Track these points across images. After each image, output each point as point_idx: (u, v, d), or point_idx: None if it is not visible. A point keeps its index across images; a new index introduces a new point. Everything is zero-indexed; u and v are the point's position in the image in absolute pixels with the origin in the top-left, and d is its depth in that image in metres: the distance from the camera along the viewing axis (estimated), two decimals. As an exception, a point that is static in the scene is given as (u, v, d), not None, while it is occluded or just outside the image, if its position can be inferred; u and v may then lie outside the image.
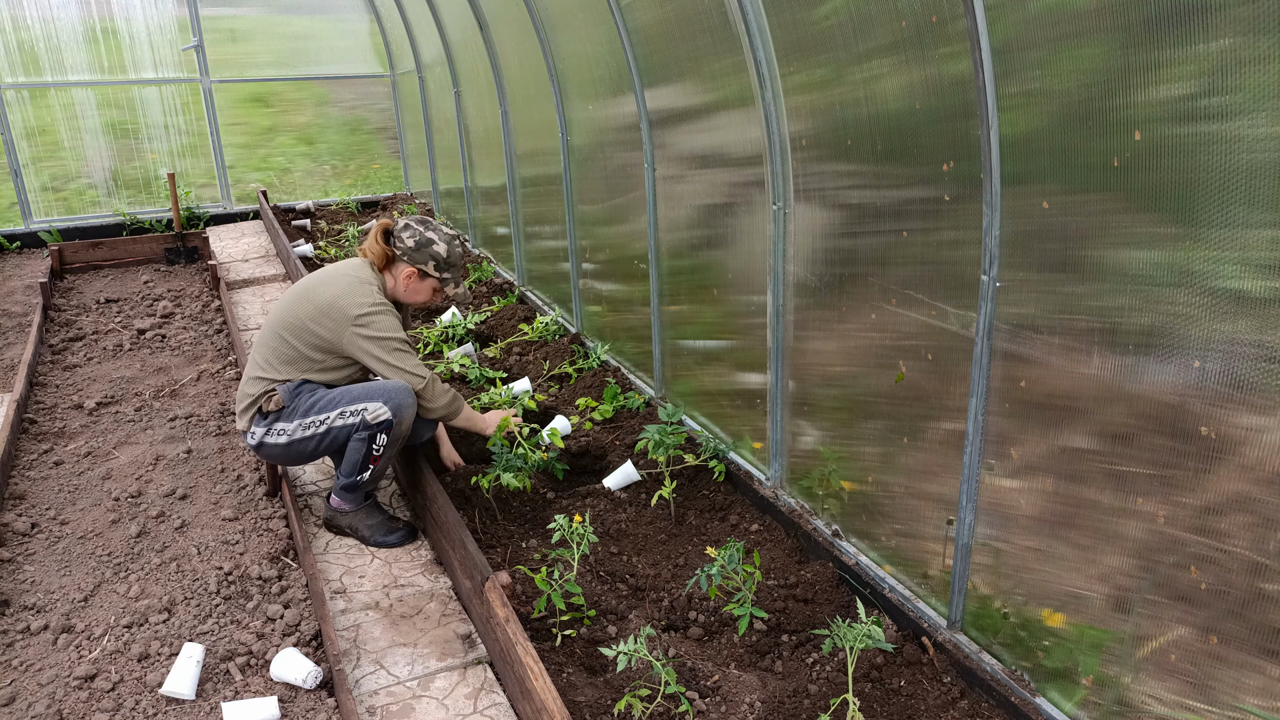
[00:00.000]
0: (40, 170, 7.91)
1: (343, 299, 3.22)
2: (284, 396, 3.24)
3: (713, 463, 3.55)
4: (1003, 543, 2.40)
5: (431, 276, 3.38)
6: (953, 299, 2.42)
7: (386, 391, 3.17)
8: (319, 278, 3.37)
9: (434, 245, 3.34)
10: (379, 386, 3.20)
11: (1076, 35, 1.93)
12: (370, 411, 3.14)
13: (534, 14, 4.76)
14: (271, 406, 3.24)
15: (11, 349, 5.43)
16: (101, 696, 2.55)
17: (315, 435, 3.20)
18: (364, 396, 3.17)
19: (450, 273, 3.40)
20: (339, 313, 3.20)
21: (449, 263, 3.38)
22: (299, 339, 3.26)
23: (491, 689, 2.65)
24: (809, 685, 2.46)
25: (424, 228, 3.37)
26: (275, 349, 3.30)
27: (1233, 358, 1.75)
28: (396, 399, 3.15)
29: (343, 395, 3.20)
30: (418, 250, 3.33)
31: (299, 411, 3.22)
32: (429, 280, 3.40)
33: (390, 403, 3.14)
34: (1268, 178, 1.63)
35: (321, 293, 3.26)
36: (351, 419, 3.17)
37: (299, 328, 3.26)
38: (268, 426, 3.26)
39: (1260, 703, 1.80)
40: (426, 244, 3.34)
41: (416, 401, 3.24)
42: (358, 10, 8.94)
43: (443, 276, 3.39)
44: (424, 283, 3.40)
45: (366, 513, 3.41)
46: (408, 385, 3.22)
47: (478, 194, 6.97)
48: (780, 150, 3.03)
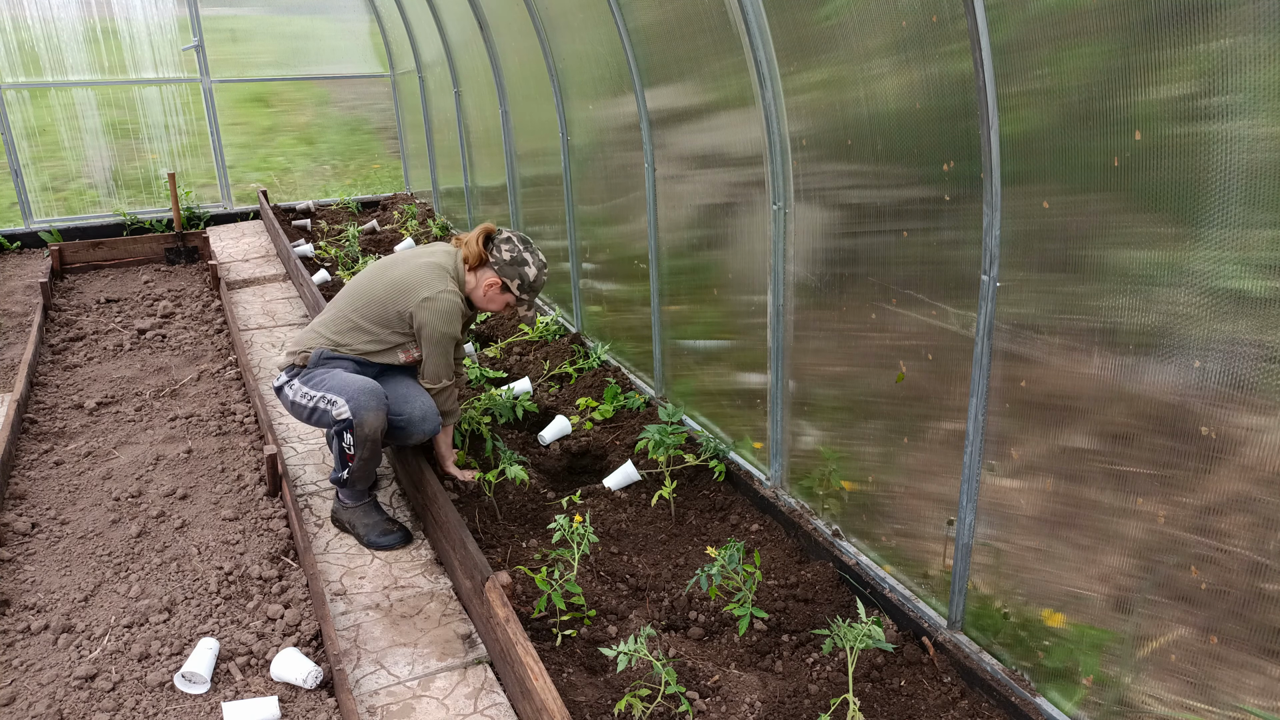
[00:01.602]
0: (40, 170, 7.91)
1: (419, 280, 3.35)
2: (313, 358, 3.39)
3: (713, 463, 3.55)
4: (1003, 543, 2.40)
5: (511, 293, 3.49)
6: (953, 299, 2.42)
7: (356, 393, 3.23)
8: (399, 259, 3.50)
9: (526, 266, 3.46)
10: (355, 386, 3.25)
11: (1077, 35, 1.93)
12: (337, 408, 3.24)
13: (534, 14, 4.76)
14: (299, 361, 3.41)
15: (12, 349, 5.43)
16: (102, 696, 2.55)
17: (307, 407, 3.33)
18: (340, 390, 3.26)
19: (529, 295, 3.53)
20: (411, 291, 3.34)
21: (533, 287, 3.50)
22: (362, 311, 3.40)
23: (492, 689, 2.66)
24: (809, 685, 2.46)
25: (524, 247, 3.48)
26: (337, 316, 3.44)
27: (1233, 358, 1.75)
28: (358, 401, 3.21)
29: (334, 381, 3.29)
30: (511, 265, 3.44)
31: (311, 380, 3.34)
32: (508, 295, 3.51)
33: (352, 403, 3.21)
34: (1268, 177, 1.63)
35: (395, 271, 3.41)
36: (327, 407, 3.27)
37: (368, 299, 3.40)
38: (290, 378, 3.42)
39: (1260, 703, 1.80)
40: (521, 263, 3.45)
41: (385, 411, 3.28)
42: (358, 10, 8.94)
43: (521, 297, 3.51)
44: (503, 295, 3.51)
45: (364, 511, 3.44)
46: (378, 393, 3.26)
47: (478, 194, 6.97)
48: (780, 150, 3.03)
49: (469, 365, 4.63)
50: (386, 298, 3.37)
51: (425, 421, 3.43)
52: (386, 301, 3.37)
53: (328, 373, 3.34)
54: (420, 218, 8.12)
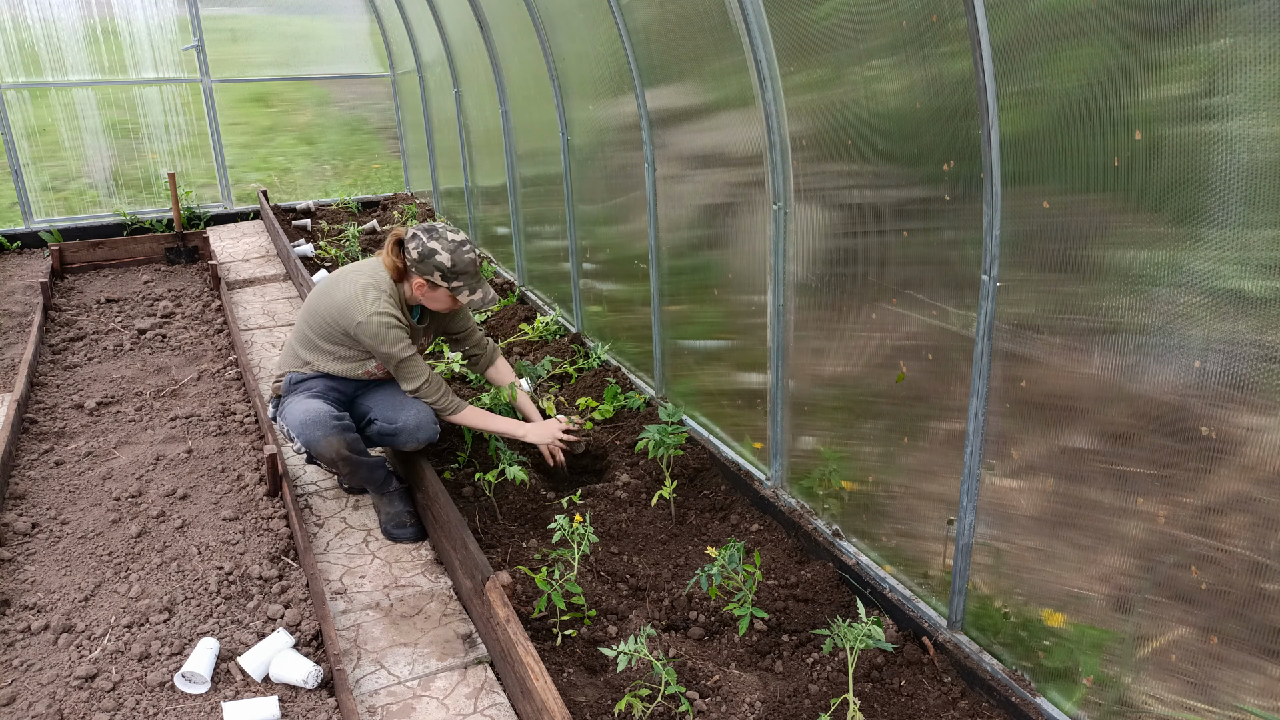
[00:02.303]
0: (41, 170, 7.91)
1: (351, 304, 3.35)
2: (285, 387, 3.53)
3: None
4: (1003, 542, 2.40)
5: (440, 286, 3.36)
6: (953, 299, 2.42)
7: (301, 427, 3.32)
8: (341, 276, 3.50)
9: (436, 255, 3.30)
10: (298, 418, 3.33)
11: (1077, 35, 1.93)
12: (295, 442, 3.38)
13: (534, 13, 4.76)
14: (276, 391, 3.56)
15: (12, 349, 5.43)
16: (102, 696, 2.55)
17: (283, 435, 3.48)
18: (293, 423, 3.36)
19: (461, 280, 3.35)
20: (346, 316, 3.37)
21: (455, 271, 3.32)
22: (316, 330, 3.47)
23: (492, 689, 2.66)
24: (809, 685, 2.46)
25: (428, 237, 3.32)
26: (300, 335, 3.53)
27: (1233, 358, 1.75)
28: (305, 435, 3.31)
29: (290, 414, 3.39)
30: (422, 262, 3.31)
31: (283, 410, 3.47)
32: (440, 289, 3.38)
33: (301, 437, 3.33)
34: (1268, 177, 1.63)
35: (337, 293, 3.41)
36: (292, 440, 3.40)
37: (318, 320, 3.46)
38: (276, 409, 3.55)
39: (1261, 703, 1.80)
40: (429, 255, 3.30)
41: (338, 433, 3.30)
42: (358, 10, 8.94)
43: (452, 285, 3.35)
44: (436, 291, 3.38)
45: (388, 500, 3.56)
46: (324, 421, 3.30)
47: (478, 194, 6.97)
48: (781, 150, 3.03)
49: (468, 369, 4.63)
50: (332, 320, 3.40)
51: (420, 430, 3.43)
52: (332, 324, 3.41)
53: (292, 402, 3.43)
54: (420, 218, 8.12)
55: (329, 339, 3.43)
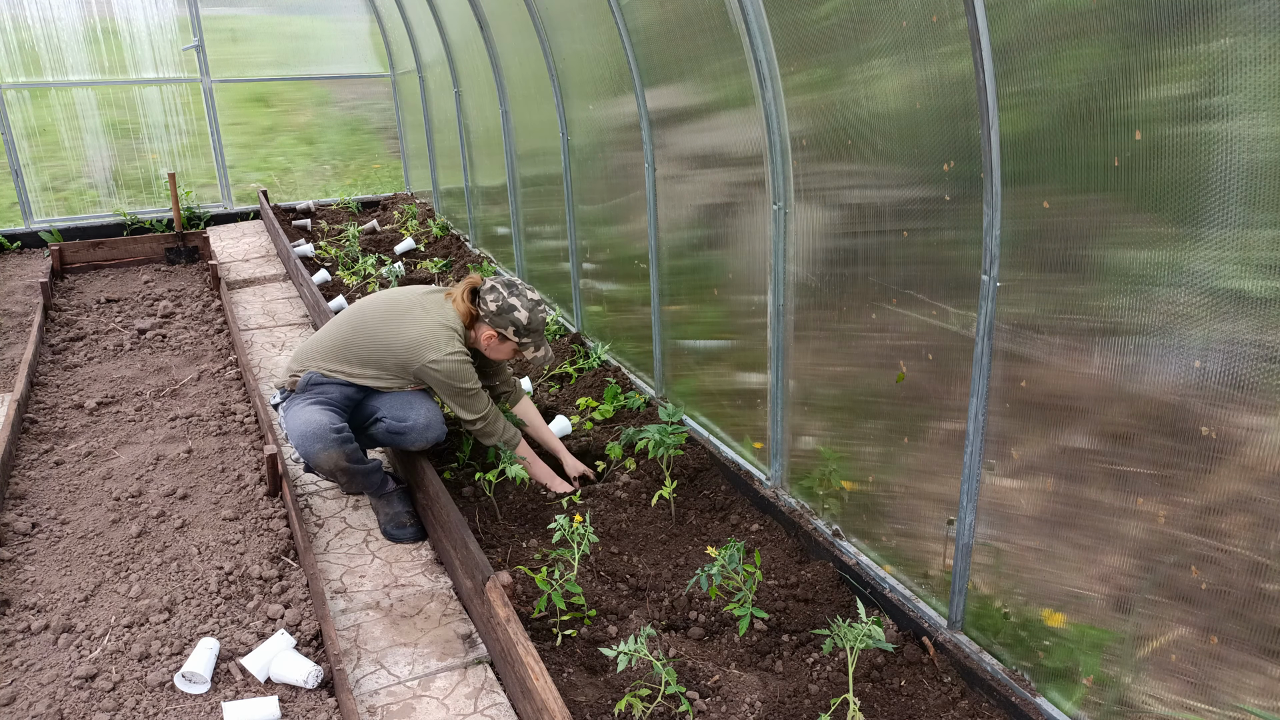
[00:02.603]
0: (41, 170, 7.91)
1: (425, 343, 3.38)
2: (301, 383, 3.46)
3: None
4: (1003, 542, 2.40)
5: (510, 340, 3.46)
6: (953, 299, 2.42)
7: (301, 439, 3.31)
8: (405, 309, 3.48)
9: (515, 312, 3.41)
10: (299, 430, 3.32)
11: (1077, 35, 1.93)
12: (295, 451, 3.39)
13: (534, 14, 4.76)
14: (287, 385, 3.52)
15: (12, 349, 5.43)
16: (102, 696, 2.55)
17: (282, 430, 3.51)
18: (292, 433, 3.36)
19: (530, 338, 3.46)
20: (416, 353, 3.38)
21: (529, 329, 3.44)
22: (368, 354, 3.44)
23: (492, 689, 2.66)
24: (809, 685, 2.46)
25: (508, 292, 3.44)
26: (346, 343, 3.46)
27: (1233, 358, 1.75)
28: (303, 446, 3.32)
29: (292, 423, 3.37)
30: (499, 315, 3.42)
31: (289, 410, 3.44)
32: (508, 343, 3.47)
33: (300, 449, 3.34)
34: (1268, 177, 1.63)
35: (409, 330, 3.41)
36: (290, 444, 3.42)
37: (376, 347, 3.43)
38: (282, 399, 3.55)
39: (1261, 703, 1.80)
40: (508, 310, 3.41)
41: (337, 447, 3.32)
42: (358, 10, 8.94)
43: (521, 341, 3.46)
44: (504, 345, 3.49)
45: (386, 502, 3.55)
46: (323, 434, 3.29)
47: (478, 194, 6.97)
48: (781, 150, 3.03)
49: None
50: (394, 352, 3.41)
51: (429, 429, 3.46)
52: (392, 354, 3.41)
53: (300, 406, 3.40)
54: (420, 218, 8.12)
55: (378, 364, 3.43)
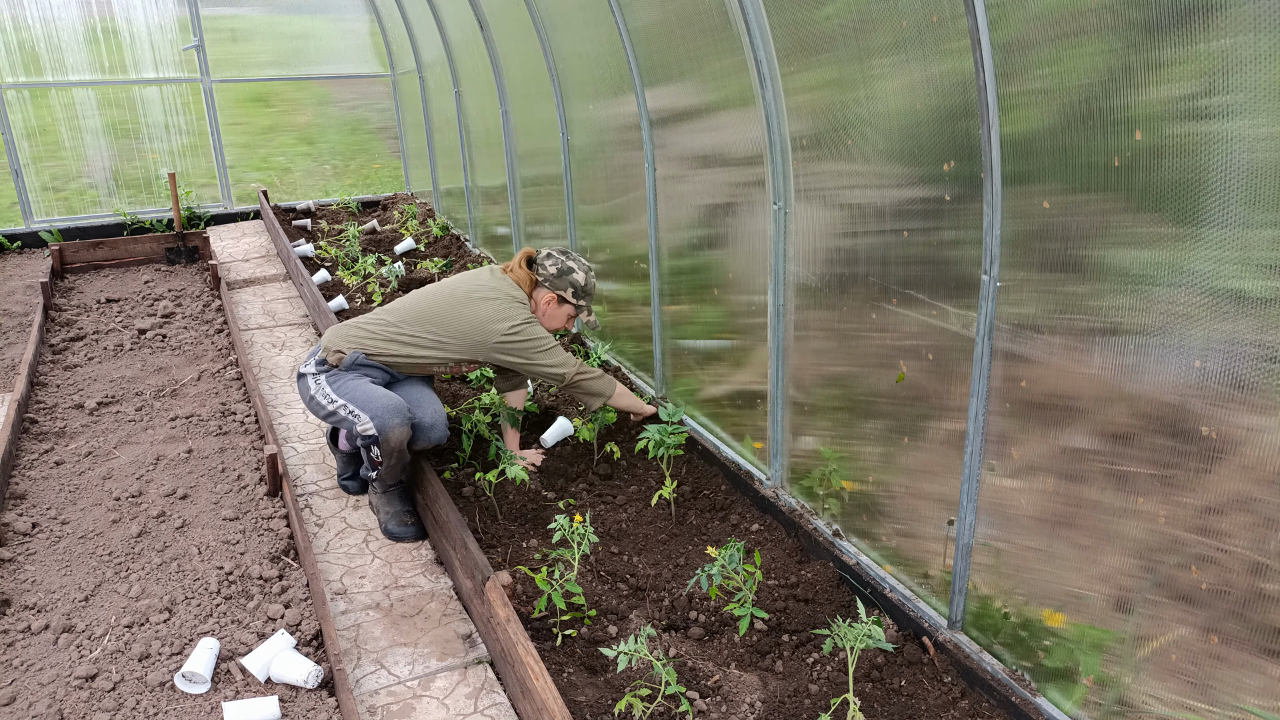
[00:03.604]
0: (41, 170, 7.91)
1: (498, 316, 3.46)
2: (347, 361, 3.45)
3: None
4: (1003, 543, 2.40)
5: (569, 303, 3.59)
6: (953, 299, 2.42)
7: (381, 410, 3.29)
8: (471, 291, 3.55)
9: (574, 274, 3.58)
10: (380, 402, 3.31)
11: (1077, 34, 1.93)
12: (361, 423, 3.31)
13: (534, 14, 4.76)
14: (332, 360, 3.47)
15: (12, 349, 5.43)
16: (102, 696, 2.55)
17: (327, 407, 3.39)
18: (366, 405, 3.32)
19: (586, 300, 3.63)
20: (489, 328, 3.45)
21: (585, 290, 3.60)
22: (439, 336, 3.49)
23: (492, 689, 2.66)
24: (810, 685, 2.46)
25: (565, 257, 3.60)
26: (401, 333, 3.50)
27: (1233, 358, 1.75)
28: (384, 419, 3.28)
29: (359, 394, 3.36)
30: (559, 277, 3.56)
31: (337, 384, 3.41)
32: (566, 306, 3.60)
33: (377, 420, 3.28)
34: (1269, 177, 1.63)
35: (480, 308, 3.49)
36: (350, 418, 3.34)
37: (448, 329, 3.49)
38: (316, 371, 3.49)
39: (1261, 703, 1.80)
40: (567, 271, 3.56)
41: (409, 425, 3.34)
42: (358, 10, 8.94)
43: (579, 303, 3.61)
44: (561, 308, 3.61)
45: (389, 499, 3.56)
46: (402, 410, 3.31)
47: (478, 194, 6.97)
48: (781, 150, 3.03)
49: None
50: (467, 332, 3.47)
51: (434, 429, 3.45)
52: (468, 335, 3.47)
53: (356, 382, 3.41)
54: (421, 218, 8.12)
55: (442, 345, 3.49)
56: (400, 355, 3.51)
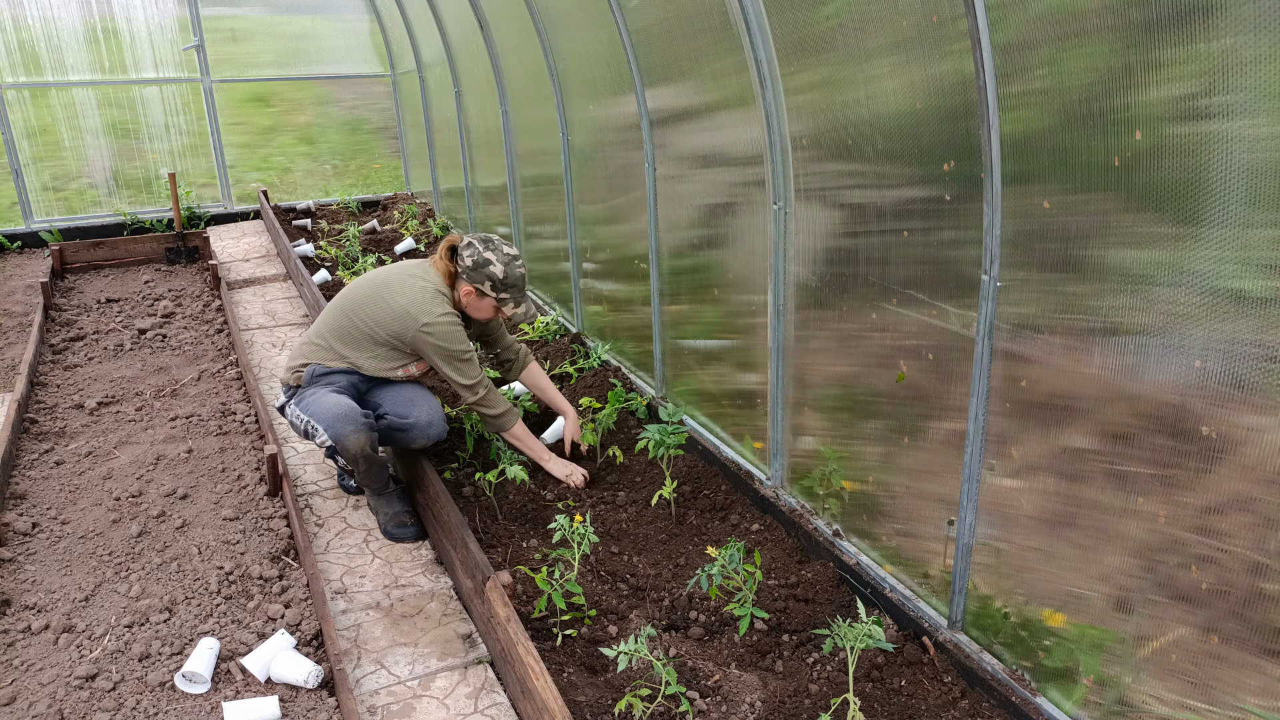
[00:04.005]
0: (41, 170, 7.91)
1: (415, 308, 3.40)
2: (306, 377, 3.51)
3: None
4: (1003, 542, 2.39)
5: (489, 296, 3.48)
6: (953, 299, 2.42)
7: (331, 420, 3.32)
8: (392, 280, 3.52)
9: (490, 266, 3.43)
10: (330, 412, 3.34)
11: (1078, 35, 1.93)
12: (319, 435, 3.37)
13: (534, 13, 4.76)
14: (292, 381, 3.54)
15: (12, 349, 5.43)
16: (102, 696, 2.55)
17: (301, 428, 3.47)
18: (319, 415, 3.36)
19: (508, 293, 3.48)
20: (409, 319, 3.40)
21: (505, 284, 3.45)
22: (364, 330, 3.48)
23: (492, 689, 2.66)
24: (810, 685, 2.46)
25: (484, 247, 3.46)
26: (341, 330, 3.52)
27: (1234, 357, 1.75)
28: (335, 429, 3.31)
29: (316, 405, 3.39)
30: (475, 270, 3.44)
31: (302, 401, 3.47)
32: (487, 299, 3.49)
33: (330, 430, 3.32)
34: (1269, 177, 1.63)
35: (396, 298, 3.44)
36: (314, 432, 3.40)
37: (369, 321, 3.47)
38: (288, 398, 3.57)
39: (1261, 702, 1.80)
40: (484, 264, 3.43)
41: (366, 430, 3.33)
42: (358, 10, 8.94)
43: (500, 296, 3.48)
44: (483, 301, 3.50)
45: (386, 501, 3.56)
46: (354, 416, 3.32)
47: (478, 193, 6.97)
48: (781, 150, 3.03)
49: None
50: (387, 322, 3.43)
51: (431, 427, 3.48)
52: (385, 326, 3.44)
53: (316, 393, 3.44)
54: (421, 217, 8.12)
55: (376, 340, 3.47)
56: (350, 357, 3.49)
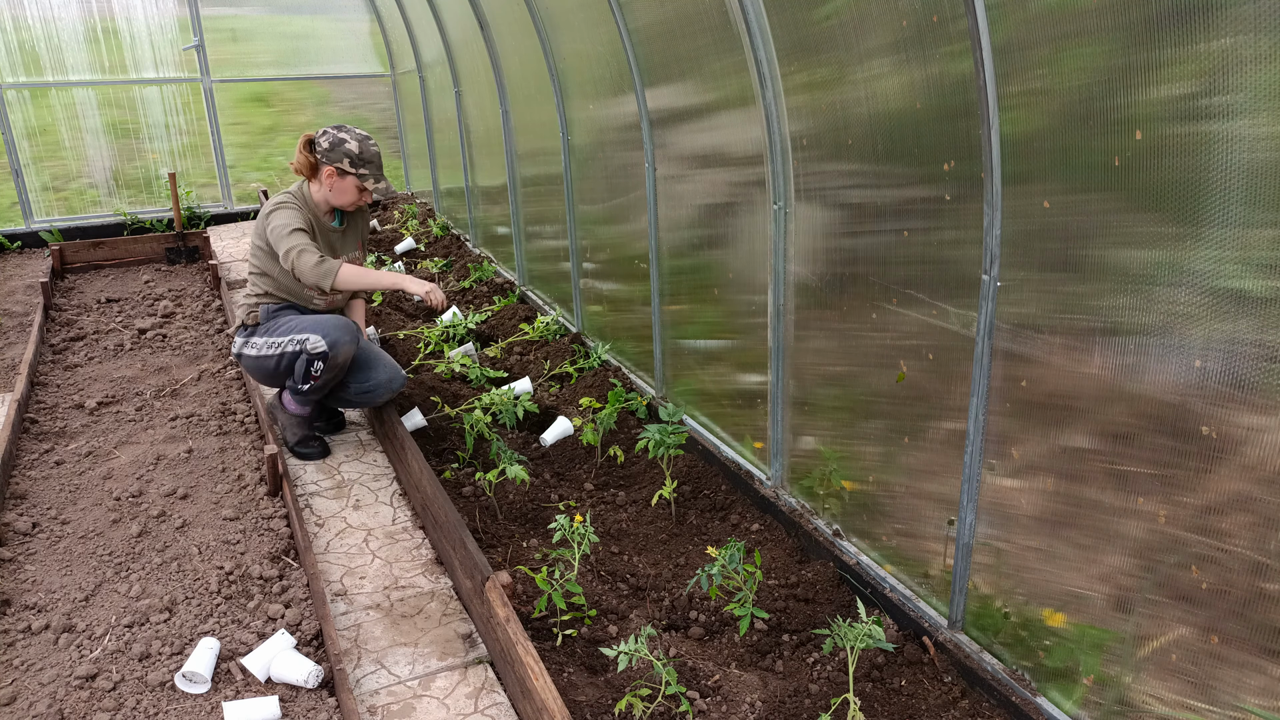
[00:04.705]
0: (41, 170, 7.91)
1: (266, 209, 3.82)
2: (262, 315, 3.86)
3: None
4: (1004, 542, 2.40)
5: (349, 174, 3.78)
6: (953, 298, 2.42)
7: (327, 328, 3.70)
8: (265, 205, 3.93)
9: (346, 144, 3.75)
10: (323, 322, 3.71)
11: (1078, 34, 1.93)
12: (311, 342, 3.68)
13: (534, 13, 4.76)
14: (250, 321, 3.89)
15: (13, 348, 5.43)
16: (103, 696, 2.55)
17: (274, 355, 3.77)
18: (311, 328, 3.70)
19: (366, 168, 3.78)
20: (264, 222, 3.80)
21: (362, 158, 3.77)
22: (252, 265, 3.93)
23: (492, 689, 2.66)
24: (810, 685, 2.46)
25: (338, 130, 3.79)
26: (249, 276, 3.98)
27: (1234, 357, 1.75)
28: (333, 335, 3.68)
29: (297, 324, 3.74)
30: (332, 150, 3.76)
31: (269, 331, 3.80)
32: (349, 178, 3.79)
33: (327, 338, 3.68)
34: (1269, 177, 1.63)
35: (264, 209, 3.85)
36: (297, 346, 3.72)
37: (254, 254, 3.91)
38: (246, 338, 3.89)
39: (1261, 702, 1.80)
40: (339, 144, 3.75)
41: (356, 344, 3.76)
42: (358, 10, 8.94)
43: (359, 172, 3.78)
44: (345, 180, 3.80)
45: (298, 421, 3.97)
46: (350, 327, 3.77)
47: (478, 193, 6.97)
48: (781, 150, 3.03)
49: (470, 365, 4.63)
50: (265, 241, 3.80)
51: (393, 382, 3.96)
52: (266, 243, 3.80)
53: (286, 321, 3.76)
54: (421, 217, 8.12)
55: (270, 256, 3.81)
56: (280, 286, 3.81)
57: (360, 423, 4.48)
